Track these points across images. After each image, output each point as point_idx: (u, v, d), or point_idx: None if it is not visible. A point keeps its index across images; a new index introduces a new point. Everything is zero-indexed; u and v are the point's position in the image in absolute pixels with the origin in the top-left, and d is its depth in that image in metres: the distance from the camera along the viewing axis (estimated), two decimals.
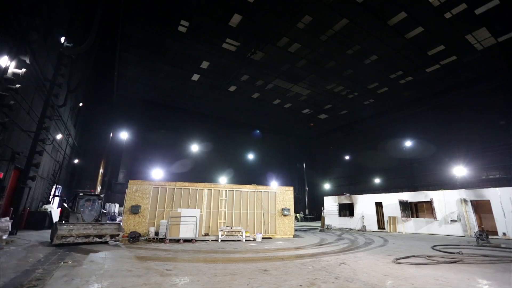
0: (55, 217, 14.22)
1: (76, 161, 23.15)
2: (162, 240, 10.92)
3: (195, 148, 30.64)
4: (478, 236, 11.41)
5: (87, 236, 9.27)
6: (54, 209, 14.71)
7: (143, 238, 11.30)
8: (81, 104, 21.17)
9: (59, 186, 18.17)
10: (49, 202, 16.13)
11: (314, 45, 18.71)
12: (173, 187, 13.13)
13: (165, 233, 11.00)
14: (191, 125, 30.82)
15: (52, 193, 16.99)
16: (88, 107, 24.33)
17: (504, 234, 13.45)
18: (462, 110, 23.31)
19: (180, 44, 18.94)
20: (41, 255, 7.11)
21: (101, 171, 24.28)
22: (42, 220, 13.41)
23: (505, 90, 20.72)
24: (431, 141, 25.44)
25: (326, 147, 39.20)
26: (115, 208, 23.79)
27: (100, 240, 9.54)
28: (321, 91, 25.73)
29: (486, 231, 12.91)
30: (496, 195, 14.12)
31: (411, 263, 6.90)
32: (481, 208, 15.75)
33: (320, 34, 17.53)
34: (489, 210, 14.36)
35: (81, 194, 10.52)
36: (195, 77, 23.39)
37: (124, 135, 26.71)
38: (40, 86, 12.24)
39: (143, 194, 12.44)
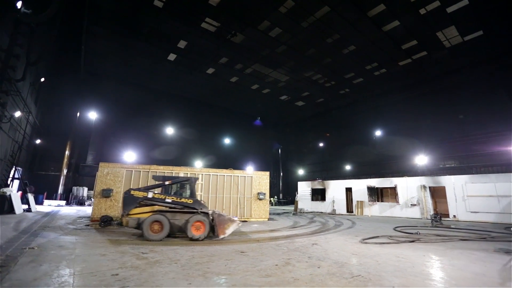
0: (16, 201, 13.24)
1: (38, 141, 21.42)
2: None
3: (170, 131, 29.75)
4: (433, 218, 12.68)
5: None
6: (14, 193, 13.65)
7: (115, 222, 10.99)
8: (43, 79, 19.34)
9: (18, 168, 16.80)
10: (7, 185, 14.92)
11: (295, 31, 18.61)
12: (148, 170, 12.77)
13: None
14: (166, 107, 29.69)
15: (10, 175, 15.70)
16: (52, 83, 22.33)
17: (454, 216, 15.06)
18: (427, 103, 24.96)
19: (155, 20, 17.78)
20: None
21: (67, 152, 22.80)
22: (0, 204, 12.43)
23: (466, 87, 22.45)
24: (398, 132, 27.11)
25: (301, 133, 40.11)
26: (84, 191, 22.73)
27: None
28: (299, 78, 25.94)
29: (440, 214, 14.34)
30: (450, 182, 15.63)
31: (376, 243, 7.53)
32: (437, 194, 17.38)
33: (301, 20, 17.42)
34: (444, 195, 15.91)
35: (197, 178, 9.12)
36: (172, 56, 22.30)
37: (93, 115, 25.08)
38: None
39: (116, 177, 11.97)
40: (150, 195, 7.90)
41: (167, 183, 8.46)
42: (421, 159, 24.40)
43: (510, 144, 19.42)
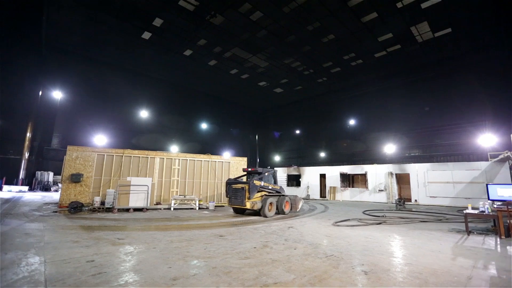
0: None
1: None
2: (109, 210, 10.38)
3: (144, 114, 28.47)
4: (398, 202, 13.73)
5: None
6: None
7: (86, 208, 10.56)
8: None
9: None
10: None
11: (276, 16, 18.29)
12: (121, 154, 12.27)
13: (113, 202, 10.45)
14: (140, 89, 28.20)
15: None
16: (8, 58, 20.09)
17: (416, 200, 16.43)
18: (397, 95, 26.24)
19: None
20: None
21: (28, 134, 21.03)
22: None
23: (434, 80, 23.87)
24: (370, 122, 28.39)
25: (279, 120, 40.49)
26: (49, 176, 21.37)
27: None
28: (278, 65, 25.82)
29: (403, 198, 15.56)
30: (414, 170, 16.90)
31: (347, 226, 8.04)
32: (402, 180, 18.75)
33: (283, 5, 17.12)
34: (408, 181, 17.23)
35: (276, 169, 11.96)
36: (146, 35, 20.95)
37: (57, 95, 23.15)
38: None
39: (86, 162, 11.36)
40: (262, 183, 10.34)
41: (266, 174, 10.87)
42: (390, 148, 25.95)
43: (467, 136, 21.25)
